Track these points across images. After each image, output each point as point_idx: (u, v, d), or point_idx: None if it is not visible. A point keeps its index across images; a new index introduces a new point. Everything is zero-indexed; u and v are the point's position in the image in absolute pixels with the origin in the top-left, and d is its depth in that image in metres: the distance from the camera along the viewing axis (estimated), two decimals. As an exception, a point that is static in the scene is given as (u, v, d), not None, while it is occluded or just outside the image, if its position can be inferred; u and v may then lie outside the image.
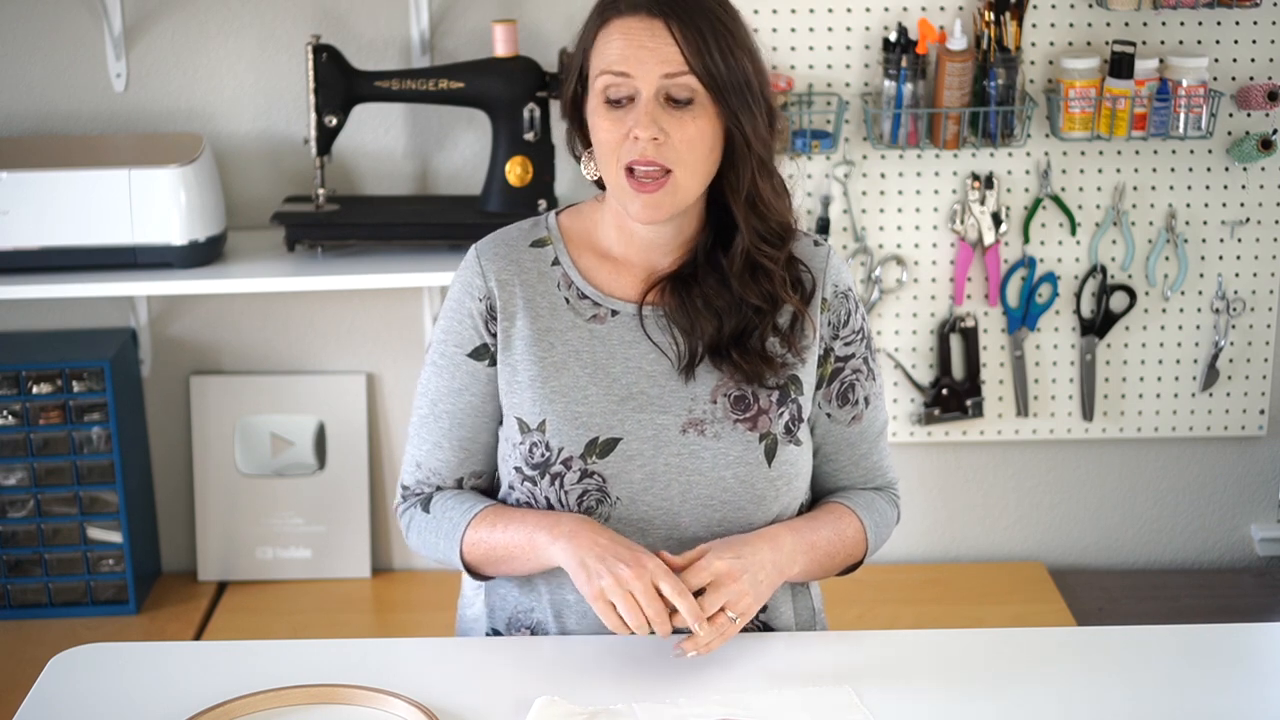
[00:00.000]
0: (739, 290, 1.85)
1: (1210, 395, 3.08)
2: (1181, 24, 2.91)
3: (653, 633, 1.71)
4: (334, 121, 2.80)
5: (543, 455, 1.85)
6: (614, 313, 1.88)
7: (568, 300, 1.88)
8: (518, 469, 1.87)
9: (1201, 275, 3.03)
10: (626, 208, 1.81)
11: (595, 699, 1.70)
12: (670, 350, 1.86)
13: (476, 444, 1.92)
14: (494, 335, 1.89)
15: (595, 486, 1.84)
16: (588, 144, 1.87)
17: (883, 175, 2.98)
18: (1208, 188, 2.99)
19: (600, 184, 1.89)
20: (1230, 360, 3.06)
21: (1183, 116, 2.87)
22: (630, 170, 1.78)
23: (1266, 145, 2.90)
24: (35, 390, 2.91)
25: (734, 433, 1.85)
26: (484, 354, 1.89)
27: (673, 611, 1.72)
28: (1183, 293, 3.03)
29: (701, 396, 1.85)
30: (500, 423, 1.91)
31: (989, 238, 2.97)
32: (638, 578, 1.71)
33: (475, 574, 1.90)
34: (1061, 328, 3.05)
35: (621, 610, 1.70)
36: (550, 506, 1.86)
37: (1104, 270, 3.01)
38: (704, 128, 1.79)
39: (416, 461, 1.93)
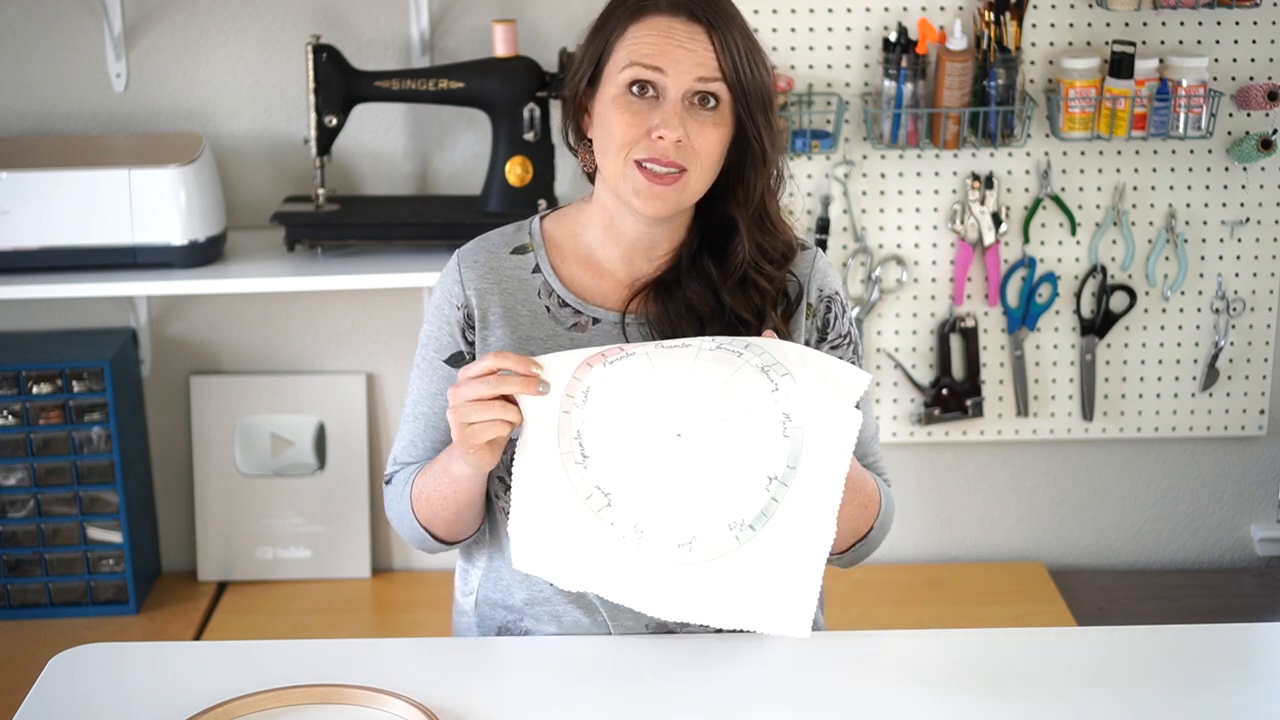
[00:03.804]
0: (729, 302, 1.83)
1: (1210, 395, 3.08)
2: (1181, 24, 2.91)
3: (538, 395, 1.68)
4: (334, 121, 2.81)
5: None
6: (595, 321, 1.87)
7: (548, 309, 1.87)
8: (500, 479, 1.86)
9: (1201, 275, 3.03)
10: (629, 200, 1.79)
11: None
12: None
13: (449, 447, 1.91)
14: (471, 344, 1.88)
15: None
16: (581, 136, 1.87)
17: (883, 175, 2.98)
18: (1208, 188, 2.99)
19: (591, 177, 1.88)
20: (1230, 360, 3.06)
21: (1183, 116, 2.87)
22: (640, 164, 1.77)
23: (1266, 145, 2.90)
24: (35, 390, 2.91)
25: None
26: (460, 361, 1.89)
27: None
28: (1183, 293, 3.03)
29: None
30: None
31: (989, 238, 2.98)
32: (452, 400, 1.68)
33: (435, 536, 1.89)
34: (1061, 328, 3.05)
35: (483, 417, 1.67)
36: None
37: (1104, 270, 3.01)
38: (723, 135, 1.79)
39: (394, 455, 1.96)
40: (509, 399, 1.68)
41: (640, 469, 1.65)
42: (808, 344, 1.89)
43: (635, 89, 1.77)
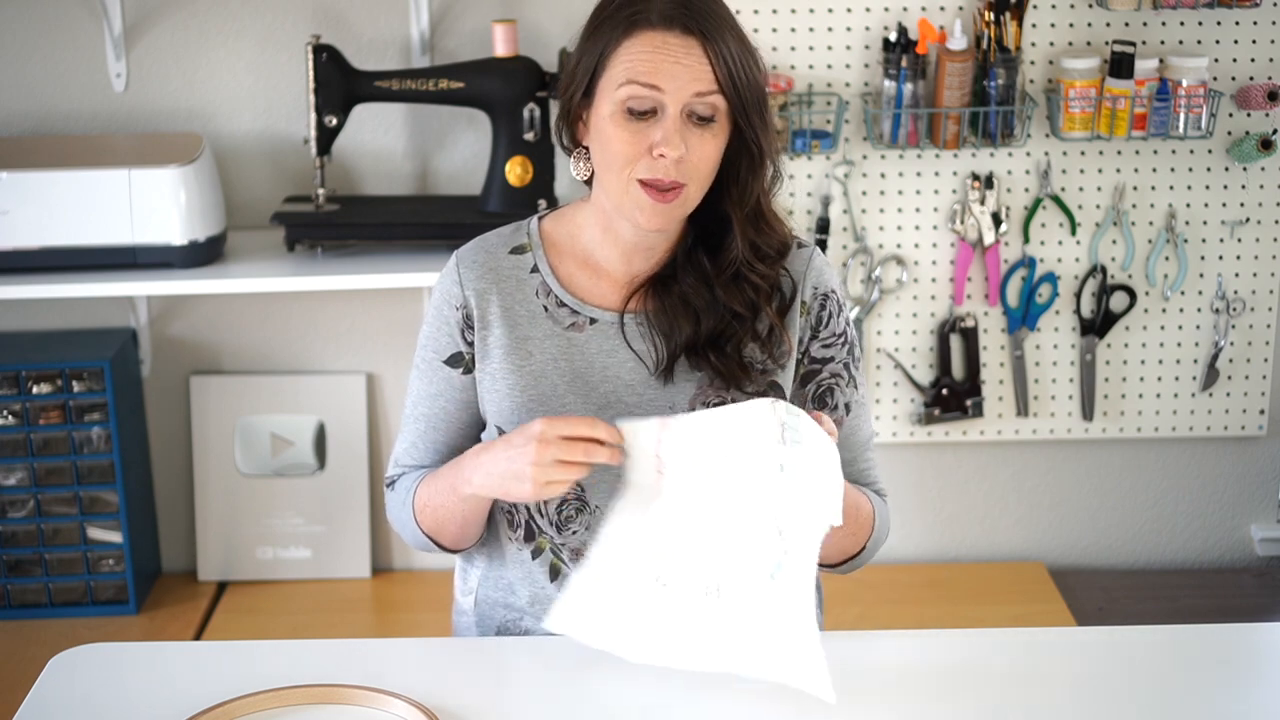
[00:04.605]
0: (723, 296, 1.84)
1: (1210, 395, 3.08)
2: (1181, 24, 2.91)
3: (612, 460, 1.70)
4: (334, 121, 2.81)
5: None
6: (592, 321, 1.87)
7: (546, 308, 1.87)
8: None
9: (1201, 275, 3.03)
10: (632, 215, 1.79)
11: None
12: (649, 358, 1.85)
13: (451, 448, 1.92)
14: (470, 344, 1.88)
15: (574, 495, 1.84)
16: (576, 143, 1.86)
17: (883, 175, 2.98)
18: (1208, 188, 2.99)
19: (588, 182, 1.88)
20: (1230, 360, 3.06)
21: (1183, 116, 2.87)
22: (643, 182, 1.77)
23: (1266, 145, 2.90)
24: (35, 390, 2.91)
25: None
26: (459, 362, 1.89)
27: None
28: (1183, 293, 3.03)
29: (680, 405, 1.84)
30: (481, 429, 1.91)
31: (989, 238, 2.98)
32: (539, 453, 1.68)
33: (440, 544, 1.90)
34: (1061, 328, 3.05)
35: (564, 477, 1.68)
36: (529, 516, 1.87)
37: (1104, 270, 3.01)
38: (721, 145, 1.78)
39: (395, 457, 1.96)
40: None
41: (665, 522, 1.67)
42: (800, 341, 1.89)
43: (633, 106, 1.76)
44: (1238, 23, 2.92)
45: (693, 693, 1.71)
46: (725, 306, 1.84)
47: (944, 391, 3.05)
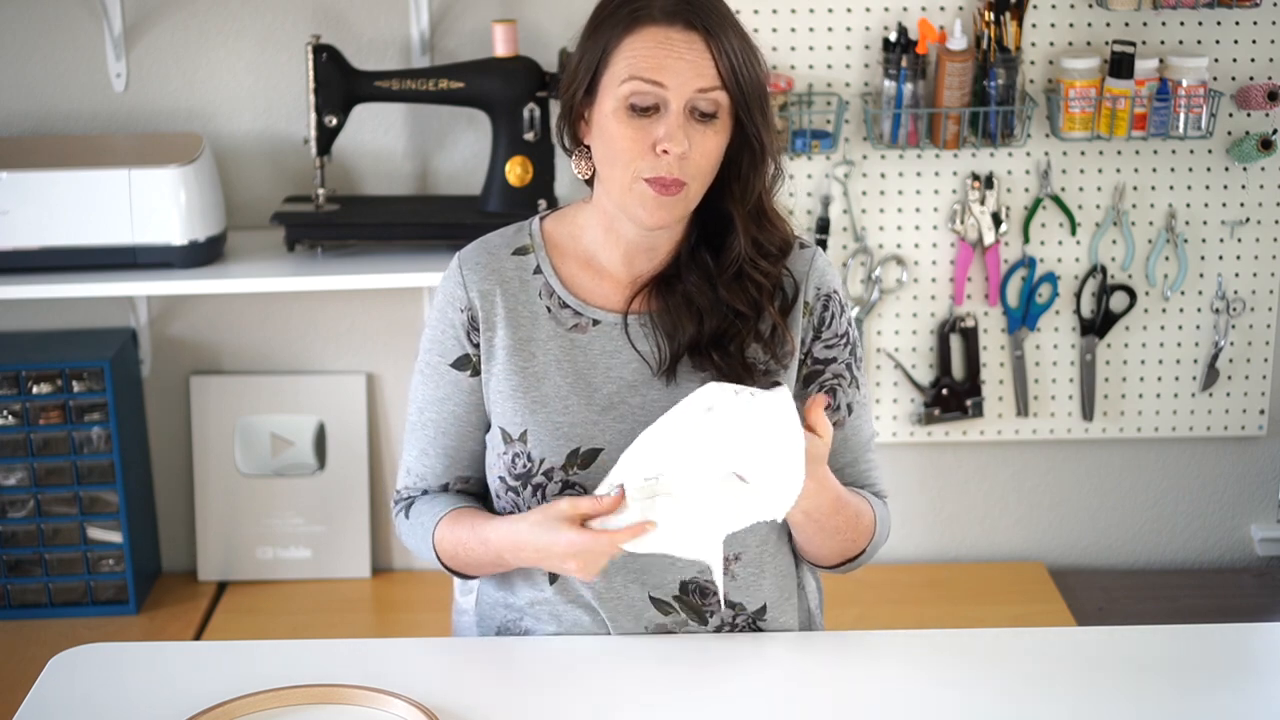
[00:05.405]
0: (725, 295, 1.83)
1: (1210, 395, 3.08)
2: (1181, 24, 2.92)
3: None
4: (334, 121, 2.81)
5: (524, 466, 1.85)
6: (595, 322, 1.87)
7: (549, 309, 1.87)
8: (501, 479, 1.87)
9: (1201, 275, 3.03)
10: (636, 213, 1.78)
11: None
12: (652, 358, 1.85)
13: (462, 451, 1.92)
14: (476, 346, 1.88)
15: (576, 496, 1.84)
16: (577, 141, 1.86)
17: (883, 175, 2.98)
18: (1208, 188, 2.99)
19: (589, 182, 1.88)
20: (1230, 360, 3.06)
21: (1183, 116, 2.87)
22: (645, 178, 1.76)
23: (1266, 145, 2.90)
24: (35, 390, 2.91)
25: None
26: (466, 364, 1.89)
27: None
28: (1183, 293, 3.03)
29: None
30: (488, 430, 1.91)
31: (989, 238, 2.98)
32: (580, 566, 1.71)
33: (460, 574, 1.91)
34: (1061, 328, 3.05)
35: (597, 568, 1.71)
36: None
37: (1104, 270, 3.01)
38: (723, 142, 1.78)
39: (406, 467, 1.95)
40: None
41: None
42: (803, 342, 1.89)
43: (636, 102, 1.76)
44: (1238, 23, 2.92)
45: (693, 693, 1.71)
46: (728, 306, 1.83)
47: (944, 391, 3.05)
